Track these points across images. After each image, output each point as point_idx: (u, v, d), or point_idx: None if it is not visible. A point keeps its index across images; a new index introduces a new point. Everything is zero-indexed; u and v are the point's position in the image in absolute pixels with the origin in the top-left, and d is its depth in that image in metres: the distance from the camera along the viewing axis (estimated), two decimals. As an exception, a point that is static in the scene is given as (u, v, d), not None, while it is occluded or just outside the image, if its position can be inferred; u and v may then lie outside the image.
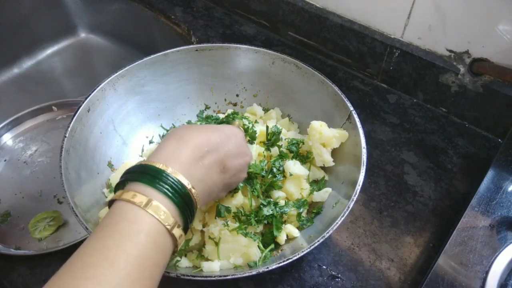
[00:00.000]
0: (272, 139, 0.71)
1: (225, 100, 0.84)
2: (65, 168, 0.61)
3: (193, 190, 0.48)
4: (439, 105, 0.89)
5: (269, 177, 0.67)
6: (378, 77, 0.94)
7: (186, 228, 0.48)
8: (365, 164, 0.63)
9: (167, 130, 0.81)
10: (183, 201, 0.46)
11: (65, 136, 0.64)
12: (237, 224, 0.62)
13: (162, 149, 0.50)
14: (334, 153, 0.71)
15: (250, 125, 0.70)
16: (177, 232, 0.45)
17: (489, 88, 0.81)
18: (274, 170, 0.67)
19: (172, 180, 0.46)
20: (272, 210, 0.63)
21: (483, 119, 0.85)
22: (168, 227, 0.44)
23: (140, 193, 0.44)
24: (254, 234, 0.61)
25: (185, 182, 0.47)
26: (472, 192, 0.71)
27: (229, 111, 0.79)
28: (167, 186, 0.45)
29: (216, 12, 1.11)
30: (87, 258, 0.39)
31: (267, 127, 0.72)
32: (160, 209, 0.44)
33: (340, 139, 0.70)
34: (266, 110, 0.82)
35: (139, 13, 1.16)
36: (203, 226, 0.63)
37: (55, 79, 1.25)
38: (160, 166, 0.47)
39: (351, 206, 0.59)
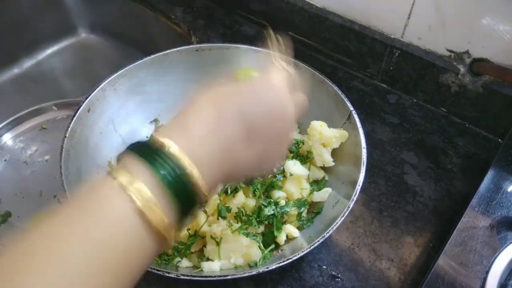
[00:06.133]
0: (272, 139, 0.71)
1: (225, 100, 0.84)
2: (65, 168, 0.61)
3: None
4: (439, 105, 0.89)
5: (269, 177, 0.67)
6: (378, 77, 0.94)
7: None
8: (365, 164, 0.63)
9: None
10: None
11: (65, 136, 0.64)
12: (239, 225, 0.62)
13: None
14: (334, 153, 0.71)
15: None
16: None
17: (489, 88, 0.81)
18: (274, 170, 0.67)
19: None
20: (273, 210, 0.63)
21: (483, 119, 0.85)
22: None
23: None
24: (255, 235, 0.62)
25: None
26: (472, 192, 0.71)
27: None
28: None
29: (216, 12, 1.11)
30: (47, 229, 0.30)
31: (267, 127, 0.72)
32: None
33: (340, 139, 0.70)
34: (266, 110, 0.82)
35: (139, 13, 1.15)
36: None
37: (55, 79, 1.25)
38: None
39: (351, 206, 0.59)
